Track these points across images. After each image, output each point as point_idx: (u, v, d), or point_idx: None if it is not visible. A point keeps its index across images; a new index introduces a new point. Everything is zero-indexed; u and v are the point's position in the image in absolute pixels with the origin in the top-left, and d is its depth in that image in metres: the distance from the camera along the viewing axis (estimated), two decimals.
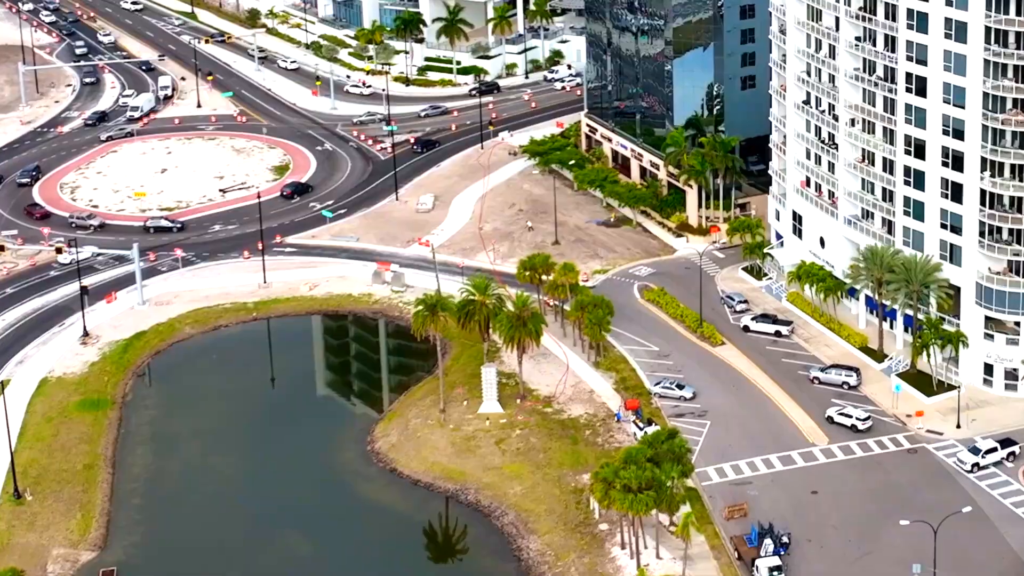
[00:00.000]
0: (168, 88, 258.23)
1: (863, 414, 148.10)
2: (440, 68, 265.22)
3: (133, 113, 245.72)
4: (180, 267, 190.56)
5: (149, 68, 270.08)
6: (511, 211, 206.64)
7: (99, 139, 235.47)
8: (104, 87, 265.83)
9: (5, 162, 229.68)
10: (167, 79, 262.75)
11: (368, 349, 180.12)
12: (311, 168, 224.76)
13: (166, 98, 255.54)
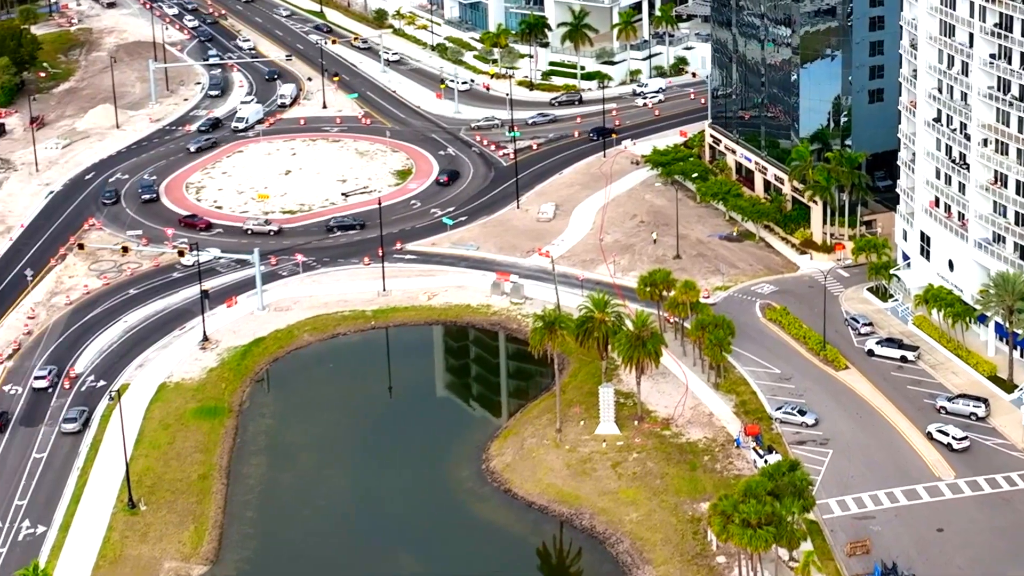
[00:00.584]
0: (286, 97, 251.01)
1: (960, 433, 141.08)
2: (564, 73, 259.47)
3: (238, 124, 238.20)
4: (300, 272, 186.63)
5: (273, 77, 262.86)
6: (632, 222, 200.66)
7: (188, 150, 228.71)
8: (232, 86, 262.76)
9: (133, 160, 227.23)
10: (288, 88, 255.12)
11: (485, 362, 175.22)
12: (433, 173, 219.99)
13: (281, 106, 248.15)
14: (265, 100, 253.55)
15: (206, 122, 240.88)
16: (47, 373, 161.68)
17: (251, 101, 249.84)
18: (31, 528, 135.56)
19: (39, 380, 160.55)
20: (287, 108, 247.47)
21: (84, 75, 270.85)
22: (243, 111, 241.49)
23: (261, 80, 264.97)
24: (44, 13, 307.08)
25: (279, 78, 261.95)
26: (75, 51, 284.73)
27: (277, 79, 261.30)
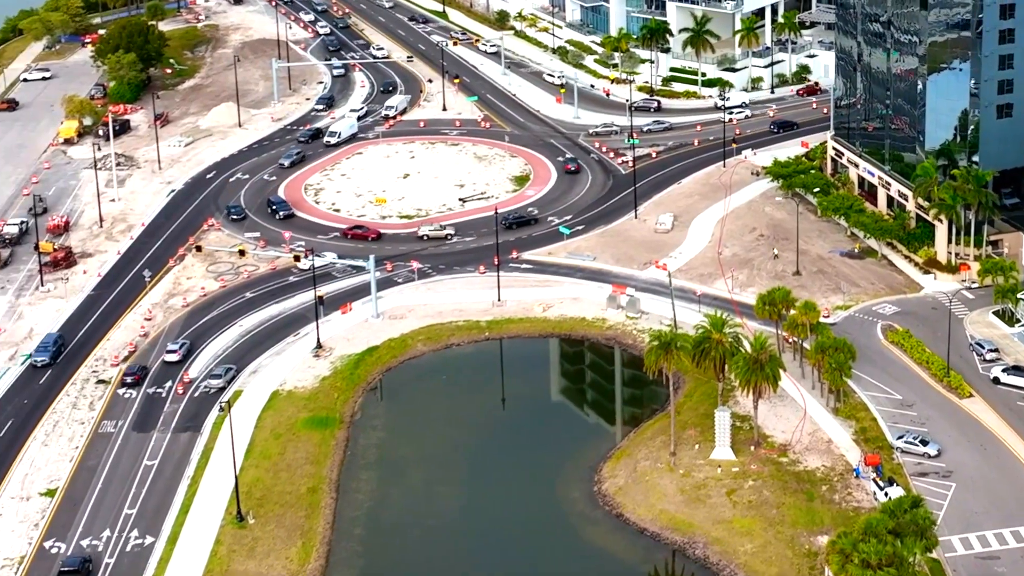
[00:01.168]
0: (393, 108, 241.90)
1: None
2: (685, 79, 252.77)
3: (330, 139, 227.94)
4: (416, 279, 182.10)
5: (388, 89, 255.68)
6: (751, 236, 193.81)
7: (282, 165, 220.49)
8: (354, 86, 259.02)
9: (253, 160, 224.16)
10: (397, 99, 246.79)
11: (600, 378, 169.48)
12: (551, 179, 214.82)
13: (386, 118, 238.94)
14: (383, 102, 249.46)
15: (305, 133, 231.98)
16: (178, 347, 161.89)
17: (345, 116, 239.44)
18: (139, 539, 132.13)
19: (171, 354, 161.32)
20: (392, 120, 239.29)
21: (209, 72, 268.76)
22: (336, 125, 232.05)
23: (383, 79, 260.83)
24: (172, 9, 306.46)
25: (394, 90, 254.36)
26: (201, 48, 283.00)
27: (392, 91, 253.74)
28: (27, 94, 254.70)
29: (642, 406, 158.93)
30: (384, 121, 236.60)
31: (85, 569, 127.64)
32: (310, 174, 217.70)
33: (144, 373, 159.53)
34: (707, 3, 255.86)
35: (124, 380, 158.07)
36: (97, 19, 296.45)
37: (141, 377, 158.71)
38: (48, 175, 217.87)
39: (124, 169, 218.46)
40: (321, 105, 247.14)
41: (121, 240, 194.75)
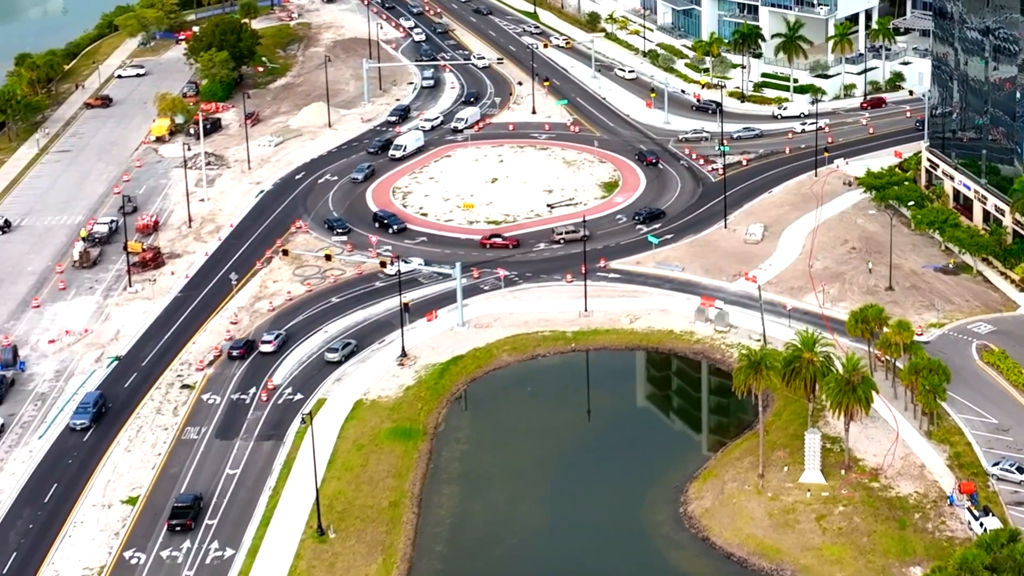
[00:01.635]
0: (464, 121, 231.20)
1: None
2: (776, 85, 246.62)
3: (395, 152, 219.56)
4: (503, 287, 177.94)
5: (470, 100, 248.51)
6: (843, 248, 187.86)
7: (354, 180, 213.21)
8: (444, 88, 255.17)
9: (343, 161, 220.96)
10: (469, 112, 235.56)
11: (687, 393, 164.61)
12: (640, 186, 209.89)
13: (455, 131, 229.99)
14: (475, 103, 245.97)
15: (376, 143, 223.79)
16: (273, 338, 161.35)
17: (412, 128, 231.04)
18: (219, 551, 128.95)
19: (266, 344, 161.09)
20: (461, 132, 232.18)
21: (300, 71, 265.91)
22: (402, 139, 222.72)
23: (474, 81, 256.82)
24: (265, 7, 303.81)
25: (474, 101, 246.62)
26: (293, 46, 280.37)
27: (472, 102, 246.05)
28: (121, 91, 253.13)
29: (730, 423, 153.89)
30: (453, 133, 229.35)
31: (196, 506, 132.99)
32: (399, 176, 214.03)
33: (250, 348, 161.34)
34: (800, 8, 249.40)
35: (231, 354, 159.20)
36: (191, 16, 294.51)
37: (247, 351, 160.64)
38: (139, 173, 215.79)
39: (214, 168, 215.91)
40: (394, 117, 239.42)
41: (209, 241, 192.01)
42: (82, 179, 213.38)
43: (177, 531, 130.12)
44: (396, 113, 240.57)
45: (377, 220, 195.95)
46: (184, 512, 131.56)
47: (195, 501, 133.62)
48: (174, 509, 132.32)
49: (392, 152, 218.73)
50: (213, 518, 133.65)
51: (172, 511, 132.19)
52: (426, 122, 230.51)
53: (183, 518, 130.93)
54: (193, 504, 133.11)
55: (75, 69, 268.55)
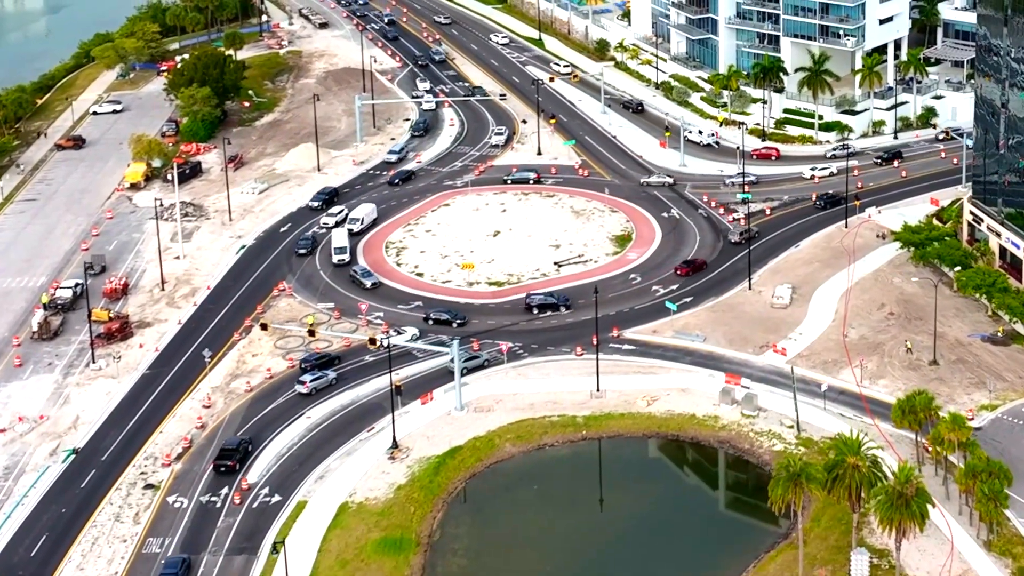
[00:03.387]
0: (360, 221, 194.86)
1: None
2: (800, 122, 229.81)
3: (352, 226, 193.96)
4: (504, 362, 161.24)
5: (419, 132, 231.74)
6: (880, 313, 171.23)
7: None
8: (442, 126, 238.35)
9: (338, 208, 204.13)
10: (366, 211, 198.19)
11: (711, 489, 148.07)
12: (655, 240, 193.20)
13: (351, 233, 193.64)
14: (476, 143, 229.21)
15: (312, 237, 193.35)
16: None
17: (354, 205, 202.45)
18: None
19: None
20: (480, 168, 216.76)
21: (290, 105, 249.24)
22: (357, 211, 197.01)
23: (474, 119, 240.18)
24: (254, 33, 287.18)
25: (424, 132, 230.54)
26: (282, 77, 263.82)
27: (423, 133, 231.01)
28: (96, 129, 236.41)
29: (762, 530, 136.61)
30: (352, 236, 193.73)
31: (243, 449, 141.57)
32: (392, 229, 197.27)
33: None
34: (825, 39, 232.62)
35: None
36: (175, 44, 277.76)
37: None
38: (110, 226, 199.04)
39: (192, 220, 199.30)
40: (394, 156, 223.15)
41: (183, 307, 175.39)
42: (47, 233, 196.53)
43: None
44: (320, 195, 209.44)
45: (362, 273, 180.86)
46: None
47: (240, 445, 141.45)
48: (221, 450, 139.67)
49: (348, 225, 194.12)
50: None
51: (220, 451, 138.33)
52: (329, 217, 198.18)
53: None
54: (239, 447, 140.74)
55: (48, 104, 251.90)
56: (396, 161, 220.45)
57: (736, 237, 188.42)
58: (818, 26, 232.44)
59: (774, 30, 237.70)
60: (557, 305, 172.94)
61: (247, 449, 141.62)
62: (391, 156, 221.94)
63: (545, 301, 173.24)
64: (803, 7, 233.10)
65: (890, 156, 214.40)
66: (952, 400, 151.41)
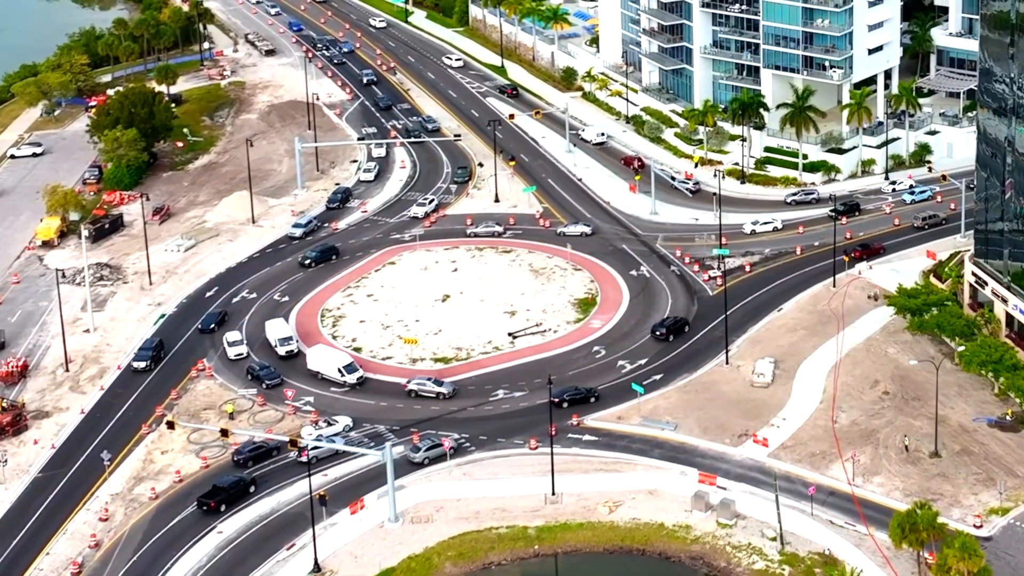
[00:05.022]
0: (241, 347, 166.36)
1: None
2: (783, 162, 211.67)
3: (280, 349, 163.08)
4: (448, 459, 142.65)
5: (338, 202, 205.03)
6: (873, 392, 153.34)
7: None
8: (392, 167, 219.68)
9: (265, 271, 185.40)
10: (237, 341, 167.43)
11: None
12: (622, 304, 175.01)
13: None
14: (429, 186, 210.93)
15: (213, 316, 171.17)
16: None
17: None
18: None
19: None
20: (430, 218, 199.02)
21: (227, 145, 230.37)
22: (274, 330, 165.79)
23: (427, 160, 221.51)
24: (195, 62, 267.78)
25: (344, 201, 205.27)
26: (222, 112, 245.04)
27: (344, 201, 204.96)
28: (12, 176, 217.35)
29: None
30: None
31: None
32: (330, 293, 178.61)
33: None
34: (809, 71, 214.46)
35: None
36: (107, 76, 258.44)
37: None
38: (15, 293, 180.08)
39: (107, 284, 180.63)
40: (334, 204, 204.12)
41: (89, 391, 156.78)
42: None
43: None
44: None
45: (250, 372, 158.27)
46: None
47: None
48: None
49: (278, 350, 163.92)
50: None
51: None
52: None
53: None
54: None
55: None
56: (301, 236, 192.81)
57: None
58: (801, 57, 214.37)
59: (754, 61, 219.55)
60: (438, 394, 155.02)
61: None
62: (295, 230, 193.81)
63: (422, 388, 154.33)
64: (785, 36, 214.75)
65: (845, 210, 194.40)
66: (957, 502, 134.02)
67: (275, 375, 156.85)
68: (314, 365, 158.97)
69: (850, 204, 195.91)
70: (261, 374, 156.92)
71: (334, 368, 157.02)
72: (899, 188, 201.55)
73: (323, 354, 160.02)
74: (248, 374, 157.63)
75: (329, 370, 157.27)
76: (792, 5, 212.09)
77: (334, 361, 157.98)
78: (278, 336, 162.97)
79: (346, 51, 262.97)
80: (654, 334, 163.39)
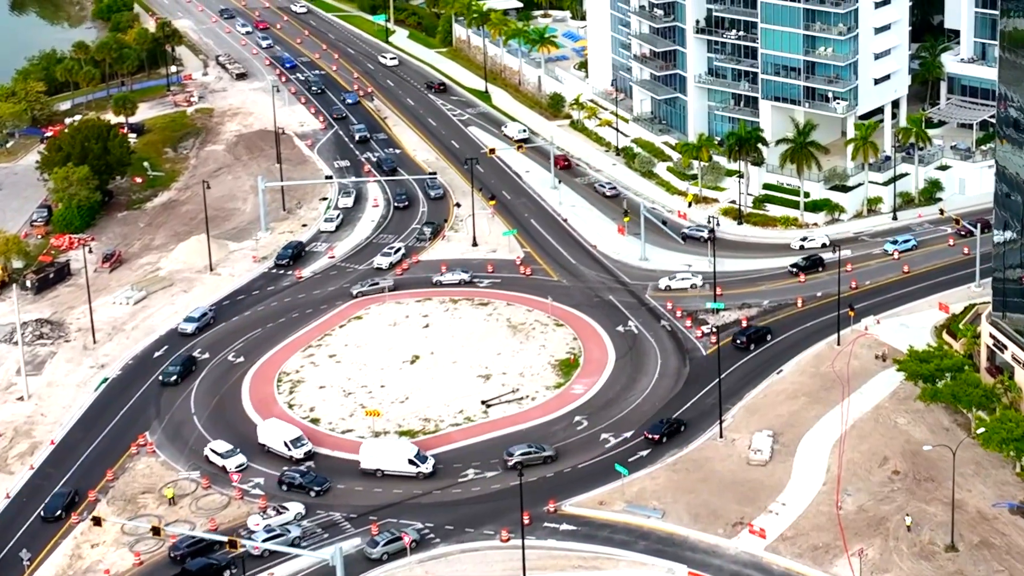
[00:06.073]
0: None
1: None
2: (783, 200, 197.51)
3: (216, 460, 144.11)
4: (408, 554, 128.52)
5: (285, 261, 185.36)
6: (882, 472, 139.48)
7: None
8: (364, 206, 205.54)
9: (220, 328, 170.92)
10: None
11: None
12: (608, 364, 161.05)
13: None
14: (402, 229, 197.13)
15: (174, 366, 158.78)
16: None
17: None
18: None
19: None
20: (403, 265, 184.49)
21: (190, 180, 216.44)
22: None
23: (402, 199, 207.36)
24: (160, 87, 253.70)
25: (297, 255, 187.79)
26: (187, 142, 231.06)
27: (295, 257, 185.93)
28: None
29: None
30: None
31: None
32: (289, 353, 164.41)
33: None
34: (811, 102, 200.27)
35: None
36: (66, 103, 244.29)
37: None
38: None
39: (48, 343, 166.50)
40: (284, 260, 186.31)
41: (17, 471, 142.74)
42: None
43: None
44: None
45: (287, 484, 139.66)
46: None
47: None
48: None
49: (294, 454, 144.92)
50: None
51: None
52: None
53: None
54: None
55: None
56: (193, 333, 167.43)
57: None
58: (803, 88, 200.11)
59: (752, 91, 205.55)
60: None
61: None
62: (187, 326, 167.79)
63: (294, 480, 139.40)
64: (785, 66, 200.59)
65: (807, 265, 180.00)
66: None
67: (322, 479, 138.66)
68: (264, 439, 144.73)
69: (812, 260, 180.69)
70: (306, 482, 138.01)
71: (280, 441, 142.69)
72: (810, 244, 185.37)
73: (274, 427, 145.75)
74: (284, 486, 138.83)
75: (276, 444, 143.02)
76: (793, 32, 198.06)
77: (281, 434, 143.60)
78: (286, 439, 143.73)
79: (350, 102, 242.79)
80: (646, 437, 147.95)
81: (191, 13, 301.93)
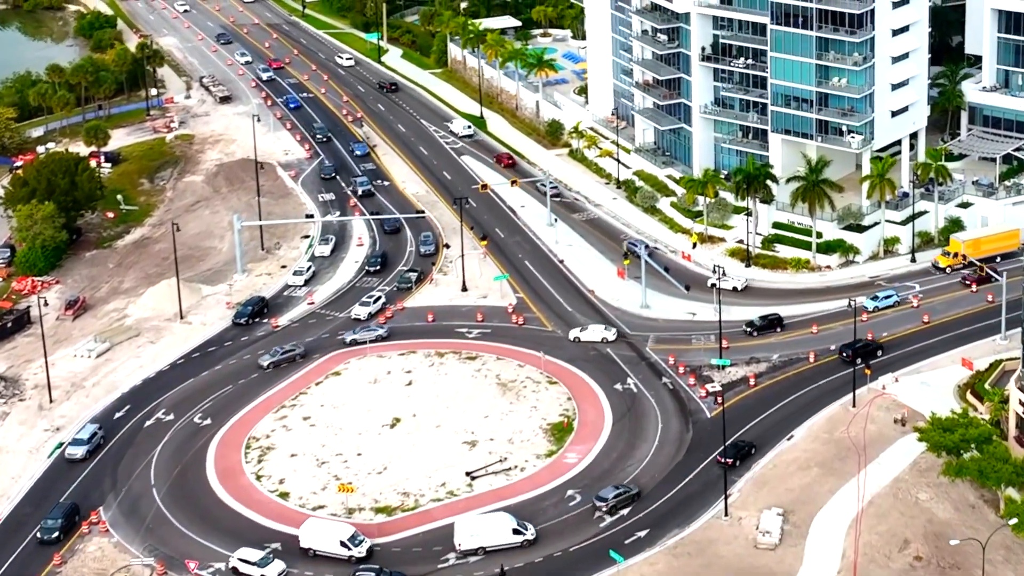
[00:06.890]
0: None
1: None
2: (794, 240, 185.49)
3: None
4: None
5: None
6: (902, 558, 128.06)
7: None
8: (348, 245, 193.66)
9: (188, 384, 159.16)
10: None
11: None
12: (604, 429, 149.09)
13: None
14: (389, 271, 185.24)
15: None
16: None
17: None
18: None
19: None
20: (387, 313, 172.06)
21: (164, 215, 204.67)
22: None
23: (388, 238, 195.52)
24: (140, 111, 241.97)
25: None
26: (164, 172, 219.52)
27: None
28: None
29: None
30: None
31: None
32: (261, 414, 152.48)
33: None
34: (824, 136, 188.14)
35: None
36: (39, 129, 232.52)
37: None
38: None
39: (0, 402, 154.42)
40: (242, 319, 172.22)
41: None
42: None
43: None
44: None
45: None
46: None
47: None
48: None
49: (353, 553, 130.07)
50: None
51: None
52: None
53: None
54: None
55: None
56: (84, 458, 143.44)
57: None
58: (815, 121, 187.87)
59: (761, 123, 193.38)
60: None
61: None
62: (76, 450, 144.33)
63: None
64: (796, 97, 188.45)
65: (764, 325, 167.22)
66: None
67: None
68: (310, 543, 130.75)
69: (770, 319, 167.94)
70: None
71: (335, 542, 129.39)
72: (723, 284, 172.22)
73: (319, 528, 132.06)
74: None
75: (331, 546, 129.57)
76: (804, 62, 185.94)
77: (334, 534, 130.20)
78: (341, 538, 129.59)
79: (360, 153, 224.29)
80: (718, 462, 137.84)
81: (177, 30, 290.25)
